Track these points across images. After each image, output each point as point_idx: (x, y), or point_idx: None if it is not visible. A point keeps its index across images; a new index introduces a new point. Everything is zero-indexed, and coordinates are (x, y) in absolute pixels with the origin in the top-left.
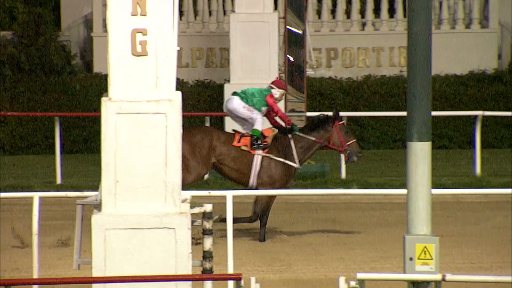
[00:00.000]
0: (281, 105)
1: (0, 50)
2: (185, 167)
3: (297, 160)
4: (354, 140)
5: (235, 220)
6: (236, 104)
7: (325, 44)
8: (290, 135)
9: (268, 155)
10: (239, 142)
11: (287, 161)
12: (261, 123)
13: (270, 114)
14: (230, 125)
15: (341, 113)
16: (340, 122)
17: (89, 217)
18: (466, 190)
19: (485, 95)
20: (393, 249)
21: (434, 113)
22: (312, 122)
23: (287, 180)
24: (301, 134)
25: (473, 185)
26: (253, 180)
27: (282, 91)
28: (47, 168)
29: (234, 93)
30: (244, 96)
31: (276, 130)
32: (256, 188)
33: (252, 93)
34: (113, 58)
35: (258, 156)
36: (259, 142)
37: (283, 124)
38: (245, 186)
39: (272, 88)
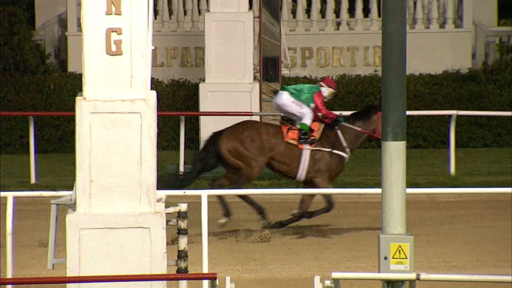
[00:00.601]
0: (254, 104)
1: None
2: (247, 164)
3: (347, 150)
4: None
5: (312, 214)
6: (285, 99)
7: (300, 44)
8: (337, 127)
9: (317, 148)
10: (286, 135)
11: (337, 151)
12: (310, 118)
13: (315, 111)
14: (205, 124)
15: None
16: None
17: (63, 216)
18: (441, 189)
19: (460, 94)
20: (368, 248)
21: (408, 112)
22: (358, 112)
23: (340, 170)
24: (347, 125)
25: (447, 184)
26: (301, 174)
27: (331, 89)
28: (21, 168)
29: (283, 88)
30: (294, 91)
31: (323, 124)
32: (315, 181)
33: (301, 89)
34: (87, 57)
35: (306, 150)
36: (307, 136)
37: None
38: (293, 179)
39: (322, 86)
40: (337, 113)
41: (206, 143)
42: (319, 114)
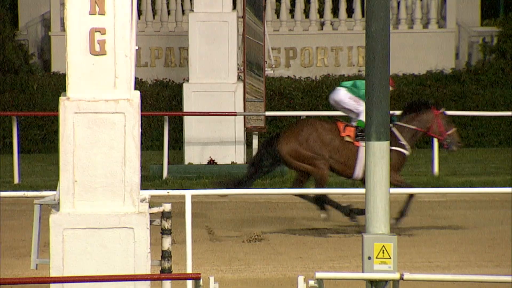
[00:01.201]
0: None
1: None
2: (313, 166)
3: (407, 146)
4: (455, 129)
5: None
6: (342, 95)
7: (283, 44)
8: (391, 125)
9: None
10: (343, 132)
11: (397, 148)
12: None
13: None
14: (189, 124)
15: (299, 113)
16: (440, 111)
17: (47, 217)
18: (424, 189)
19: (443, 94)
20: (352, 248)
21: (392, 112)
22: (409, 110)
23: (402, 165)
24: (401, 124)
25: (431, 184)
26: (358, 172)
27: (390, 88)
28: (4, 168)
29: (340, 85)
30: (351, 87)
31: None
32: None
33: (359, 86)
34: (71, 57)
35: (363, 148)
36: (364, 134)
37: None
38: (348, 178)
39: None
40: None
41: (262, 147)
42: None
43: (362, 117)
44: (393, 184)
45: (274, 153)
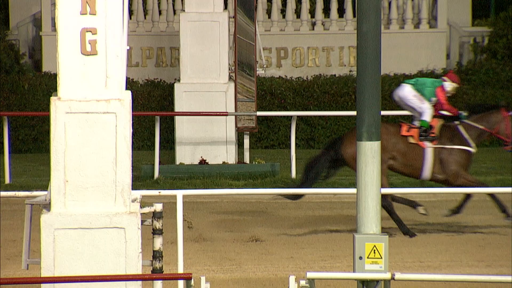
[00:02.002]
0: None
1: None
2: None
3: (473, 144)
4: None
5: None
6: (407, 92)
7: (275, 44)
8: (457, 122)
9: (439, 146)
10: (407, 133)
11: (463, 147)
12: (429, 114)
13: (436, 105)
14: (180, 124)
15: (291, 113)
16: (510, 113)
17: (38, 217)
18: (415, 189)
19: None
20: (343, 248)
21: (383, 112)
22: (478, 109)
23: (469, 164)
24: (469, 122)
25: (422, 184)
26: (425, 173)
27: (454, 84)
28: None
29: (405, 81)
30: (416, 85)
31: (442, 120)
32: (455, 184)
33: (424, 82)
34: (62, 57)
35: (428, 148)
36: (427, 133)
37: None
38: (416, 179)
39: (445, 80)
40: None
41: (325, 149)
42: (441, 109)
43: (425, 117)
44: (466, 184)
45: (337, 156)
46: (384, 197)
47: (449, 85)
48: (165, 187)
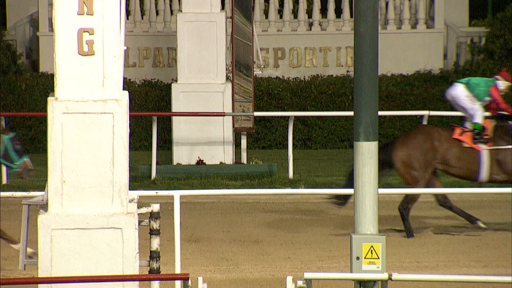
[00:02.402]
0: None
1: None
2: (412, 178)
3: None
4: None
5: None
6: (459, 91)
7: (272, 44)
8: (510, 122)
9: (494, 147)
10: (460, 137)
11: None
12: (480, 116)
13: (490, 105)
14: (178, 124)
15: (288, 113)
16: None
17: (35, 217)
18: (412, 189)
19: (431, 95)
20: (341, 248)
21: (380, 113)
22: None
23: None
24: None
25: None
26: (482, 175)
27: (508, 83)
28: None
29: (458, 81)
30: (469, 85)
31: (494, 121)
32: (511, 180)
33: (477, 82)
34: (59, 57)
35: (484, 151)
36: (481, 136)
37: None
38: (473, 181)
39: (498, 79)
40: None
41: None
42: (497, 109)
43: (477, 119)
44: None
45: (387, 159)
46: (405, 202)
47: (502, 84)
48: (162, 188)
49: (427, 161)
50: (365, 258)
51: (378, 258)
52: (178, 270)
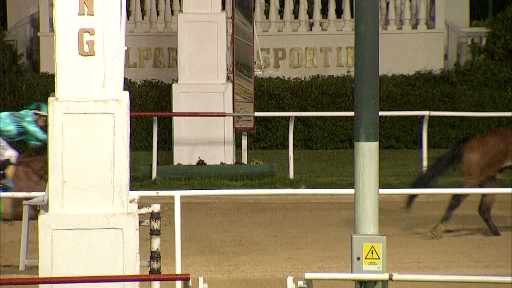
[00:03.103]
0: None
1: None
2: (477, 170)
3: None
4: None
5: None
6: None
7: (273, 44)
8: None
9: None
10: None
11: None
12: None
13: None
14: (178, 125)
15: (288, 113)
16: None
17: (36, 217)
18: (413, 190)
19: (432, 95)
20: (341, 248)
21: (381, 113)
22: None
23: None
24: None
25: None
26: None
27: None
28: None
29: None
30: None
31: None
32: None
33: None
34: (60, 58)
35: None
36: None
37: None
38: None
39: None
40: None
41: (451, 148)
42: None
43: None
44: None
45: (457, 155)
46: (484, 205)
47: None
48: (163, 188)
49: (497, 160)
50: (365, 258)
51: (379, 258)
52: (178, 271)
